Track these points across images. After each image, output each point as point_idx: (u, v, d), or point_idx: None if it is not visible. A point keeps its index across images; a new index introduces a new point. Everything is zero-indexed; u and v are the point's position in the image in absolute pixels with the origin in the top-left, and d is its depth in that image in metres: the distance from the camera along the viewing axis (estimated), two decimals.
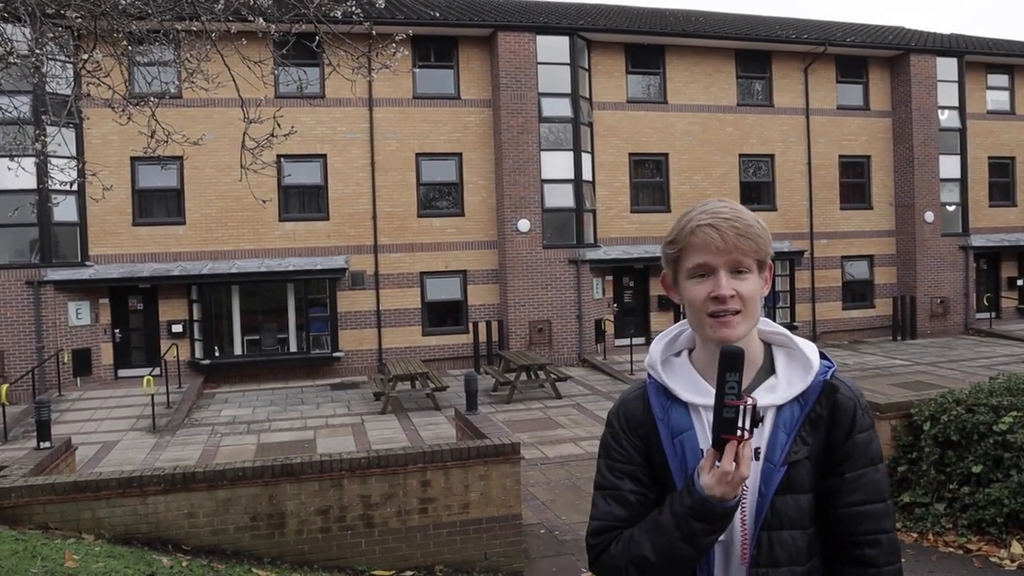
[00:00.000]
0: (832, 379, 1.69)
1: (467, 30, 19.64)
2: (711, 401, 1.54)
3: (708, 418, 1.60)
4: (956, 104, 23.53)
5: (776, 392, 1.67)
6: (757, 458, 1.63)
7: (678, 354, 1.79)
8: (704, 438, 1.65)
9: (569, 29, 19.93)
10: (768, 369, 1.71)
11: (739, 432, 1.48)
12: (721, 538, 1.61)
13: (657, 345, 1.80)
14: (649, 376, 1.79)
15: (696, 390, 1.69)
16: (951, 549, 6.80)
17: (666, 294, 1.79)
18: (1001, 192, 25.17)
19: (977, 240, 23.88)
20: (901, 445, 7.67)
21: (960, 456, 7.04)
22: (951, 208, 23.67)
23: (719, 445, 1.50)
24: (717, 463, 1.51)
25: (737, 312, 1.62)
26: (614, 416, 1.80)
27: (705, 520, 1.54)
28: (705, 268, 1.63)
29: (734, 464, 1.49)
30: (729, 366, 1.49)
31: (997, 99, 25.05)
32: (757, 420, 1.52)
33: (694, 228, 1.63)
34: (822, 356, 1.73)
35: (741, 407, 1.48)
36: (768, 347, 1.75)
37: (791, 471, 1.63)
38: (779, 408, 1.66)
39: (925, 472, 7.31)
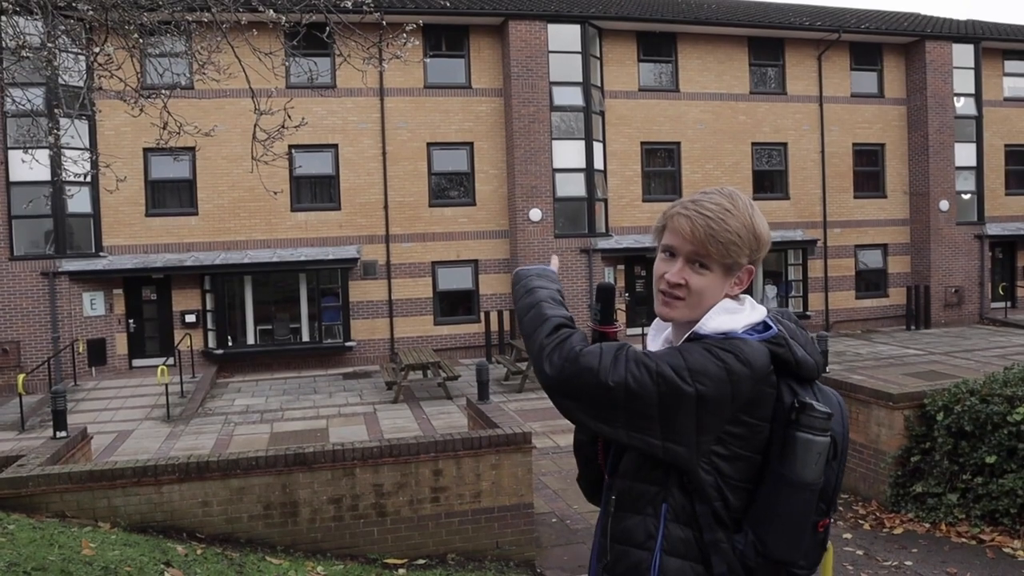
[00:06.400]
0: None
1: (478, 19, 19.58)
2: None
3: None
4: (972, 91, 23.24)
5: None
6: None
7: None
8: None
9: (580, 17, 19.83)
10: None
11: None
12: None
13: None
14: None
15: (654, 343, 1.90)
16: (964, 539, 6.79)
17: None
18: (1018, 180, 24.84)
19: (993, 229, 23.65)
20: (914, 435, 7.64)
21: (974, 446, 7.01)
22: (966, 196, 23.43)
23: None
24: None
25: (681, 299, 1.72)
26: None
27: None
28: (672, 249, 1.76)
29: None
30: (598, 297, 1.83)
31: (1014, 86, 24.68)
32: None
33: (675, 213, 1.76)
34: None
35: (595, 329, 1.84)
36: None
37: None
38: None
39: (938, 462, 7.29)
